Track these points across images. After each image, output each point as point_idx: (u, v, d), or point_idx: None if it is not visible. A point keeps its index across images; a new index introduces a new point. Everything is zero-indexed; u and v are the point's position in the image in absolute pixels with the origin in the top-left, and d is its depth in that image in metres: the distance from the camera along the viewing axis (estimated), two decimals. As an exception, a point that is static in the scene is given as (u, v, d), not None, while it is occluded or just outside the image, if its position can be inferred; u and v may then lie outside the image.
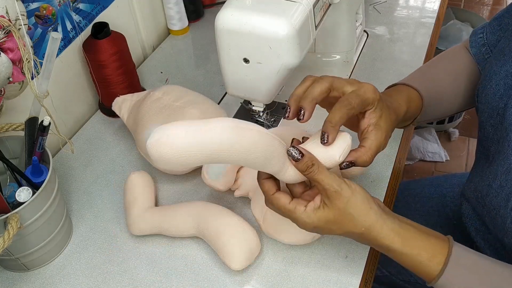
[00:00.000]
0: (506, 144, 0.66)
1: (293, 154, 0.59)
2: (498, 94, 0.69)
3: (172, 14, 1.13)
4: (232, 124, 0.55)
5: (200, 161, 0.55)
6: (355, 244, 0.73)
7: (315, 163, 0.59)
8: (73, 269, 0.74)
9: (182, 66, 1.09)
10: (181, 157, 0.54)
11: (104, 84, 0.93)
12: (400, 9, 1.20)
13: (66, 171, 0.88)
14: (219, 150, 0.54)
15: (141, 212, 0.76)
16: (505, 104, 0.67)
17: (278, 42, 0.70)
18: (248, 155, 0.56)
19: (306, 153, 0.59)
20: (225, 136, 0.54)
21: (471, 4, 2.75)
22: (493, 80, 0.70)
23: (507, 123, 0.66)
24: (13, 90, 0.68)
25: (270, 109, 0.90)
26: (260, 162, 0.58)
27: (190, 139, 0.53)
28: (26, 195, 0.66)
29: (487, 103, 0.71)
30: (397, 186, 0.86)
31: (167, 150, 0.53)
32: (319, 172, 0.59)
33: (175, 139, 0.53)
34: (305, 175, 0.59)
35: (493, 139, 0.71)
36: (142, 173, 0.81)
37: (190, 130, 0.54)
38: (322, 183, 0.59)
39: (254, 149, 0.56)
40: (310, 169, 0.59)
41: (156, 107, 0.81)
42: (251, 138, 0.56)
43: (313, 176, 0.59)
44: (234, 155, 0.55)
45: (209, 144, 0.54)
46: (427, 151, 1.97)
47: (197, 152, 0.54)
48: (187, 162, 0.54)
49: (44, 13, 0.81)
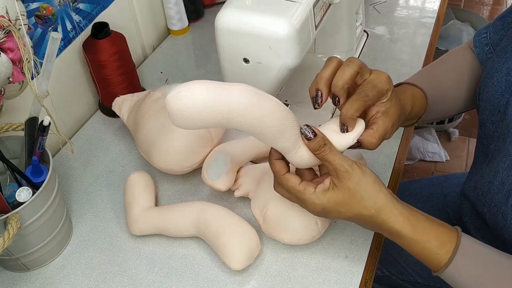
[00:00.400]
0: (508, 140, 0.66)
1: (306, 132, 0.60)
2: (499, 91, 0.69)
3: (172, 14, 1.13)
4: (252, 89, 0.56)
5: (216, 121, 0.55)
6: (355, 244, 0.73)
7: (327, 143, 0.60)
8: (73, 269, 0.74)
9: (182, 66, 1.09)
10: (199, 113, 0.54)
11: (104, 84, 0.93)
12: (400, 9, 1.20)
13: (66, 171, 0.88)
14: (237, 110, 0.55)
15: (141, 212, 0.76)
16: (507, 101, 0.68)
17: (278, 42, 0.70)
18: (263, 121, 0.56)
19: (318, 133, 0.60)
20: (245, 97, 0.55)
21: (471, 4, 2.75)
22: (495, 77, 0.71)
23: (508, 120, 0.67)
24: (13, 90, 0.68)
25: (270, 109, 0.89)
26: (274, 132, 0.58)
27: (212, 95, 0.53)
28: (26, 195, 0.66)
29: (489, 100, 0.71)
30: (397, 186, 0.86)
31: (186, 102, 0.53)
32: (330, 152, 0.59)
33: (196, 93, 0.53)
34: (317, 154, 0.60)
35: (494, 136, 0.71)
36: (142, 173, 0.81)
37: (211, 87, 0.54)
38: (334, 163, 0.59)
39: (271, 116, 0.56)
40: (322, 149, 0.59)
41: (156, 107, 0.81)
42: (269, 104, 0.56)
43: (325, 155, 0.59)
44: (249, 119, 0.56)
45: (228, 102, 0.54)
46: (427, 151, 1.97)
47: (215, 109, 0.54)
48: (204, 119, 0.54)
49: (44, 13, 0.81)
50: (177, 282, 0.71)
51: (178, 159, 0.78)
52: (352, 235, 0.74)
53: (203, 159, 0.80)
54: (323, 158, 0.60)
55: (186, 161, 0.78)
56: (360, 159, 0.78)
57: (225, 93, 0.54)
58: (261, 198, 0.72)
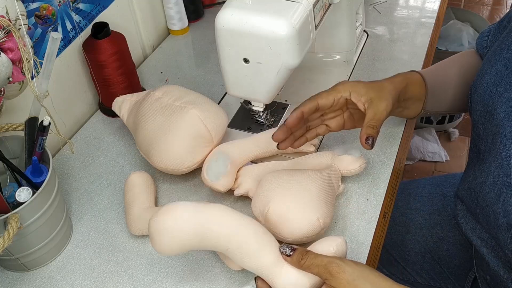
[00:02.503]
0: (498, 140, 0.66)
1: (286, 250, 0.61)
2: (488, 91, 0.70)
3: (172, 14, 1.13)
4: (227, 208, 0.64)
5: (196, 244, 0.63)
6: (355, 244, 0.73)
7: (308, 251, 0.60)
8: (73, 269, 0.74)
9: (182, 66, 1.09)
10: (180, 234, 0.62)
11: (104, 84, 0.93)
12: (400, 9, 1.20)
13: (66, 171, 0.88)
14: (218, 230, 0.62)
15: (141, 212, 0.76)
16: (495, 101, 0.68)
17: (278, 42, 0.70)
18: (244, 240, 0.62)
19: (297, 248, 0.61)
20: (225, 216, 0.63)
21: (471, 4, 2.74)
22: (485, 79, 0.71)
23: (497, 120, 0.67)
24: (13, 90, 0.68)
25: (270, 109, 0.90)
26: (255, 249, 0.62)
27: (191, 215, 0.62)
28: (26, 195, 0.66)
29: (479, 101, 0.72)
30: (397, 186, 0.86)
31: (169, 222, 0.61)
32: (315, 256, 0.59)
33: (177, 214, 0.62)
34: (302, 265, 0.59)
35: (484, 137, 0.72)
36: (142, 173, 0.81)
37: (190, 207, 0.62)
38: (323, 263, 0.58)
39: (252, 235, 0.63)
40: (305, 257, 0.59)
41: (156, 107, 0.81)
42: (248, 221, 0.64)
43: (311, 261, 0.59)
44: (232, 239, 0.62)
45: (210, 222, 0.62)
46: (427, 151, 1.97)
47: (195, 230, 0.62)
48: (184, 240, 0.62)
49: (44, 13, 0.81)
50: (177, 282, 0.71)
51: (178, 159, 0.78)
52: (352, 235, 0.74)
53: (203, 159, 0.80)
54: (311, 264, 0.59)
55: (186, 161, 0.78)
56: (359, 158, 0.78)
57: (205, 213, 0.62)
58: (262, 198, 0.72)
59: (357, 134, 0.89)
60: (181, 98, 0.82)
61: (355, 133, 0.89)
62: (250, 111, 0.89)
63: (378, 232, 0.76)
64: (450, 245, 0.94)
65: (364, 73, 1.02)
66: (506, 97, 0.66)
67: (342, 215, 0.77)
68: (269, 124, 0.90)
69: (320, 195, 0.71)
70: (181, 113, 0.79)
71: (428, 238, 0.96)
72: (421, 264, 0.98)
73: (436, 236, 0.96)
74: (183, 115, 0.78)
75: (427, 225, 0.97)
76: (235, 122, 0.92)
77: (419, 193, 1.02)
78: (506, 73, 0.68)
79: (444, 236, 0.95)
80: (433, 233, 0.96)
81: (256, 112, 0.87)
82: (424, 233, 0.97)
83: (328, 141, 0.88)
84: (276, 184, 0.72)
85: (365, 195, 0.79)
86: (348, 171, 0.78)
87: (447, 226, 0.95)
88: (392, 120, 0.91)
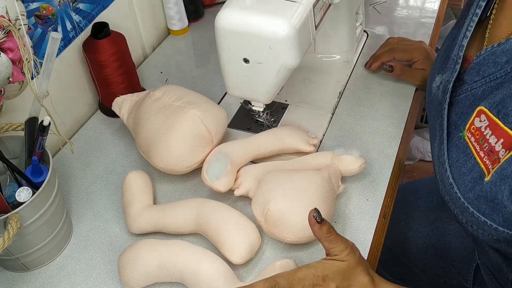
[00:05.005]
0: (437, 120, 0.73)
1: (317, 216, 0.62)
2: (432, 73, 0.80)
3: (172, 14, 1.13)
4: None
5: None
6: (355, 244, 0.73)
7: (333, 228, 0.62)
8: (73, 269, 0.74)
9: (182, 66, 1.09)
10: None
11: (104, 84, 0.93)
12: (400, 9, 1.20)
13: (66, 171, 0.88)
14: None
15: (139, 210, 0.76)
16: (431, 79, 0.76)
17: (278, 42, 0.70)
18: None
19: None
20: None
21: (471, 4, 2.74)
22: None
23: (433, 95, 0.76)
24: (13, 90, 0.68)
25: (270, 109, 0.90)
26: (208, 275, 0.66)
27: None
28: (26, 195, 0.66)
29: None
30: (397, 186, 0.86)
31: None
32: (337, 234, 0.62)
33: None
34: (327, 237, 0.61)
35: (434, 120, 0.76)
36: (139, 172, 0.81)
37: None
38: (347, 241, 0.62)
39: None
40: (332, 231, 0.61)
41: (156, 107, 0.81)
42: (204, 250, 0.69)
43: (336, 236, 0.61)
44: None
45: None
46: (427, 151, 1.96)
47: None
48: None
49: (44, 13, 0.81)
50: (177, 282, 0.71)
51: (178, 159, 0.78)
52: (352, 235, 0.74)
53: (203, 159, 0.80)
54: (336, 239, 0.61)
55: (186, 161, 0.78)
56: (359, 158, 0.78)
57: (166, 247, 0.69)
58: (262, 199, 0.72)
59: (357, 134, 0.89)
60: (181, 98, 0.82)
61: (355, 133, 0.89)
62: (250, 111, 0.89)
63: (378, 232, 0.76)
64: (451, 237, 0.94)
65: (364, 73, 1.02)
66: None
67: (342, 215, 0.77)
68: (269, 124, 0.90)
69: (320, 195, 0.71)
70: (181, 113, 0.79)
71: (429, 234, 0.97)
72: (423, 260, 0.98)
73: (437, 231, 0.96)
74: (183, 115, 0.78)
75: (428, 221, 0.97)
76: (235, 122, 0.92)
77: (420, 191, 1.03)
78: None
79: (445, 230, 0.95)
80: (434, 228, 0.97)
81: (256, 112, 0.87)
82: (425, 229, 0.97)
83: (328, 141, 0.88)
84: (276, 184, 0.72)
85: (365, 195, 0.79)
86: (348, 171, 0.78)
87: (447, 219, 0.95)
88: (392, 120, 0.91)
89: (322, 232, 0.61)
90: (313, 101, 0.95)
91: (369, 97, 0.96)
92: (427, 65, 0.94)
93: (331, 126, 0.91)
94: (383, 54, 0.98)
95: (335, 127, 0.91)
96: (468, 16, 0.68)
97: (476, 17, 0.66)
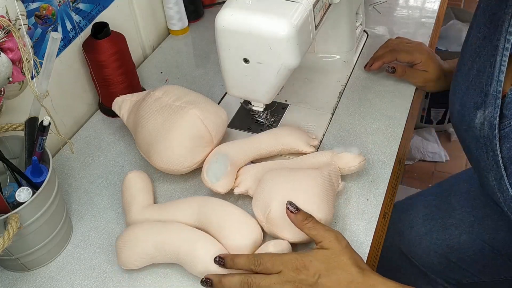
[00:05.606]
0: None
1: (291, 207, 0.67)
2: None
3: (172, 14, 1.13)
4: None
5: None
6: (355, 244, 0.73)
7: (311, 215, 0.67)
8: (73, 269, 0.74)
9: (182, 66, 1.09)
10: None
11: (104, 84, 0.93)
12: (400, 9, 1.20)
13: (66, 171, 0.88)
14: None
15: (140, 209, 0.76)
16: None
17: (278, 42, 0.70)
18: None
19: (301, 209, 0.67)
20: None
21: (471, 4, 2.74)
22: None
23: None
24: (13, 90, 0.68)
25: (270, 109, 0.90)
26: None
27: None
28: (26, 195, 0.66)
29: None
30: (397, 186, 0.86)
31: None
32: (315, 221, 0.66)
33: None
34: (304, 224, 0.66)
35: None
36: (139, 172, 0.81)
37: None
38: (324, 227, 0.65)
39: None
40: (309, 219, 0.66)
41: (156, 107, 0.81)
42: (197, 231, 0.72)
43: (313, 224, 0.66)
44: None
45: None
46: (427, 151, 1.96)
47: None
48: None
49: (44, 13, 0.81)
50: (177, 283, 0.71)
51: (178, 159, 0.78)
52: (352, 235, 0.74)
53: (203, 159, 0.80)
54: (312, 227, 0.65)
55: (186, 161, 0.78)
56: (358, 155, 0.78)
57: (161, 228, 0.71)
58: (263, 199, 0.72)
59: (357, 134, 0.89)
60: (181, 98, 0.82)
61: (355, 133, 0.89)
62: (250, 111, 0.89)
63: (378, 232, 0.76)
64: (504, 233, 0.94)
65: (364, 73, 1.02)
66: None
67: (342, 215, 0.77)
68: (269, 124, 0.90)
69: (321, 194, 0.71)
70: (181, 113, 0.79)
71: (482, 232, 0.96)
72: (481, 260, 0.98)
73: (489, 228, 0.96)
74: (183, 115, 0.78)
75: (478, 220, 0.97)
76: (235, 122, 0.92)
77: (457, 192, 1.01)
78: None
79: (496, 226, 0.95)
80: (485, 226, 0.96)
81: (256, 112, 0.87)
82: (477, 229, 0.97)
83: (328, 141, 0.88)
84: (276, 184, 0.72)
85: (365, 195, 0.80)
86: (348, 168, 0.78)
87: (495, 215, 0.95)
88: (392, 120, 0.91)
89: (298, 220, 0.66)
90: (313, 101, 0.95)
91: (369, 97, 0.96)
92: (428, 66, 0.95)
93: (331, 126, 0.91)
94: (385, 54, 0.98)
95: (335, 127, 0.91)
96: (499, 52, 0.69)
97: (507, 51, 0.68)
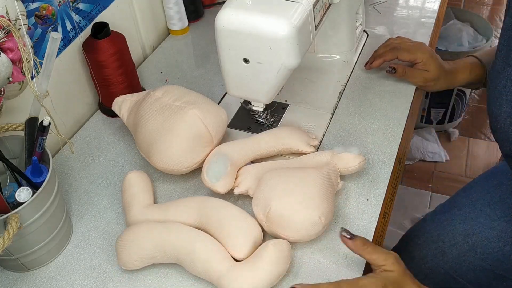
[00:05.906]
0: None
1: (346, 234, 0.66)
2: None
3: (172, 14, 1.13)
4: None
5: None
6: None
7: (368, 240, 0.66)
8: (73, 269, 0.74)
9: (182, 66, 1.09)
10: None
11: (104, 84, 0.93)
12: (400, 9, 1.20)
13: (66, 171, 0.88)
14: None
15: (140, 209, 0.76)
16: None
17: (278, 42, 0.70)
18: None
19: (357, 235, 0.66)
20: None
21: (471, 4, 2.74)
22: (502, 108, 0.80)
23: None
24: (13, 90, 0.68)
25: (270, 109, 0.90)
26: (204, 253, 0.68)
27: None
28: (26, 195, 0.66)
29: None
30: (397, 186, 0.86)
31: None
32: (375, 245, 0.66)
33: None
34: (364, 249, 0.65)
35: None
36: (139, 172, 0.81)
37: None
38: (384, 251, 0.65)
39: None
40: (367, 243, 0.65)
41: (156, 107, 0.81)
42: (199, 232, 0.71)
43: (373, 248, 0.65)
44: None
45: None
46: (427, 151, 1.96)
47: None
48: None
49: (44, 13, 0.81)
50: (177, 283, 0.71)
51: (178, 159, 0.78)
52: (352, 235, 0.74)
53: (203, 159, 0.80)
54: (373, 250, 0.64)
55: (186, 161, 0.78)
56: (358, 155, 0.78)
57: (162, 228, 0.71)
58: (263, 198, 0.72)
59: (357, 134, 0.89)
60: (181, 98, 0.82)
61: (355, 133, 0.89)
62: (250, 111, 0.89)
63: (378, 232, 0.76)
64: None
65: (364, 73, 1.02)
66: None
67: (342, 215, 0.77)
68: (269, 124, 0.90)
69: (321, 194, 0.71)
70: (181, 113, 0.79)
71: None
72: (431, 256, 0.98)
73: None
74: (183, 115, 0.78)
75: (503, 208, 0.95)
76: (235, 122, 0.92)
77: (476, 194, 0.99)
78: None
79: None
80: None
81: (256, 112, 0.87)
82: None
83: (328, 141, 0.88)
84: (276, 183, 0.72)
85: (365, 195, 0.80)
86: (348, 168, 0.78)
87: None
88: (392, 120, 0.91)
89: (357, 246, 0.65)
90: (313, 101, 0.95)
91: (369, 97, 0.96)
92: (429, 66, 0.94)
93: (331, 126, 0.91)
94: (386, 52, 0.97)
95: (335, 127, 0.91)
96: None
97: None
